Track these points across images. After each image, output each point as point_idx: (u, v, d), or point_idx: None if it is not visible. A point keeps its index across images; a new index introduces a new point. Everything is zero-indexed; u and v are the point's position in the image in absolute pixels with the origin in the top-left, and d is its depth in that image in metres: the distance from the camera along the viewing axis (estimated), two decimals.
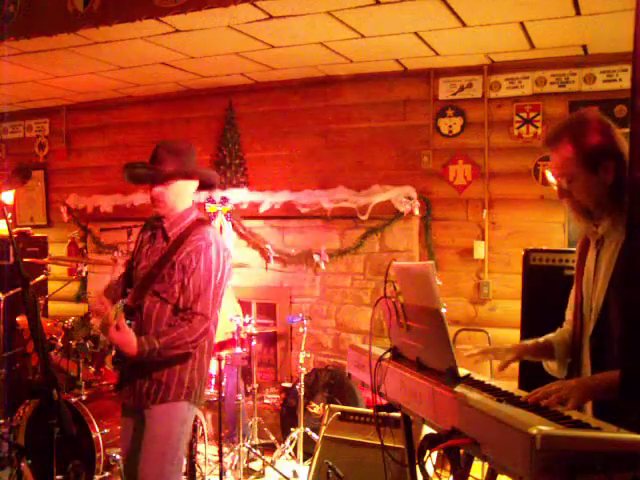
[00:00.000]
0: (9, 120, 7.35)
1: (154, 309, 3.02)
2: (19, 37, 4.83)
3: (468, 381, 2.06)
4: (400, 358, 2.29)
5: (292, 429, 4.90)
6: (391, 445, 2.66)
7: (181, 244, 3.04)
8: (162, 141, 3.19)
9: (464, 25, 4.35)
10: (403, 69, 5.42)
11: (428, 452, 1.95)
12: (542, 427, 1.48)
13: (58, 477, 4.22)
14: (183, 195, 3.13)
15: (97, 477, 4.33)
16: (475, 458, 1.86)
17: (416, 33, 4.55)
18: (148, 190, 3.11)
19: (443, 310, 1.96)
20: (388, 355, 2.32)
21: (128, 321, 2.94)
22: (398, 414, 2.38)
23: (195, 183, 3.16)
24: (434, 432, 1.91)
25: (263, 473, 4.79)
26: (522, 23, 4.29)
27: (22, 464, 4.67)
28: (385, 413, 2.40)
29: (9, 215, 2.80)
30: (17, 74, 5.71)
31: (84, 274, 5.54)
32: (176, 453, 3.05)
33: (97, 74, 5.69)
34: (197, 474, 4.40)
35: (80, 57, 5.17)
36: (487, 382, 2.08)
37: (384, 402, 2.38)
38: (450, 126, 5.39)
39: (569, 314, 2.35)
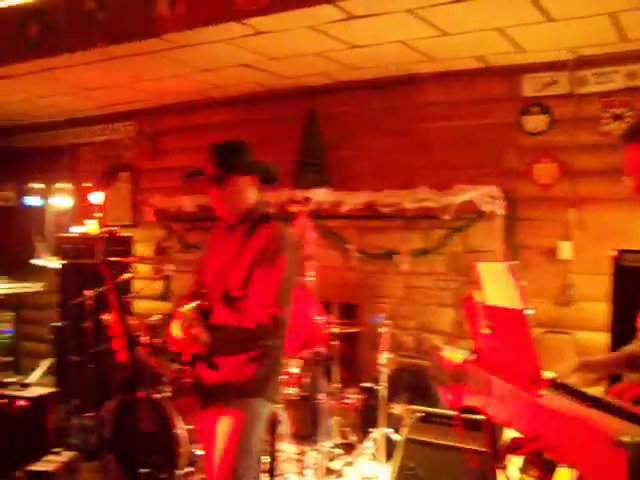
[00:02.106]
0: (97, 123, 7.58)
1: (224, 308, 2.99)
2: (108, 43, 4.97)
3: (553, 385, 2.01)
4: (483, 360, 2.25)
5: (372, 429, 4.88)
6: (473, 448, 2.62)
7: (253, 240, 3.02)
8: (214, 144, 3.14)
9: (550, 20, 4.24)
10: (486, 66, 5.33)
11: (511, 457, 1.91)
12: (635, 434, 1.42)
13: (142, 470, 4.33)
14: (245, 193, 3.10)
15: (180, 472, 4.42)
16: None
17: (499, 29, 4.46)
18: (209, 194, 3.10)
19: (527, 312, 1.91)
20: (471, 357, 2.28)
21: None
22: (481, 417, 2.34)
23: (255, 179, 3.14)
24: (518, 436, 1.87)
25: (343, 473, 4.78)
26: (613, 14, 4.14)
27: (109, 457, 4.82)
28: (467, 416, 2.36)
29: (99, 215, 2.89)
30: (105, 79, 5.88)
31: (168, 273, 5.65)
32: (251, 449, 3.04)
33: (181, 77, 5.80)
34: (278, 472, 4.43)
35: (165, 61, 5.29)
36: (573, 386, 2.02)
37: (466, 405, 2.34)
38: (535, 124, 5.27)
39: None
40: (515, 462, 1.93)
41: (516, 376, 1.96)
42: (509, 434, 1.95)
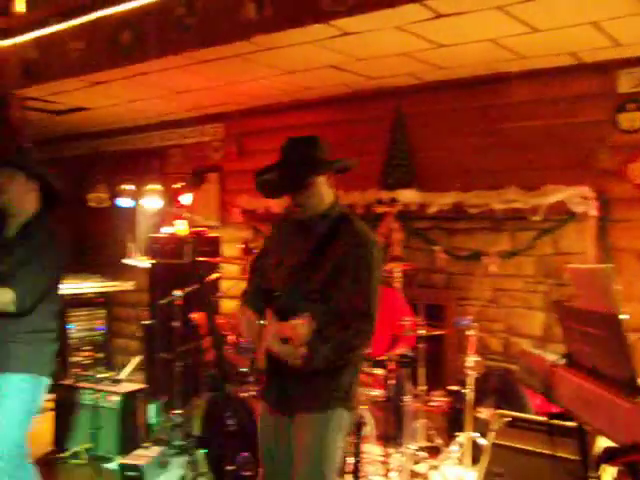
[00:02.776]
0: (187, 125, 7.75)
1: (305, 311, 2.78)
2: (197, 48, 5.08)
3: None
4: (575, 365, 2.19)
5: (458, 433, 4.81)
6: (564, 456, 2.55)
7: (332, 241, 2.88)
8: (288, 139, 3.02)
9: None
10: (578, 63, 5.18)
11: (605, 466, 1.84)
12: None
13: (229, 467, 4.39)
14: (323, 192, 2.97)
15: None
16: None
17: (594, 23, 4.31)
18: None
19: (622, 316, 1.85)
20: (562, 361, 2.22)
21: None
22: (572, 424, 2.27)
23: (333, 176, 3.00)
24: (613, 445, 1.80)
25: (428, 476, 4.74)
26: None
27: (196, 453, 4.92)
28: (558, 422, 2.29)
29: (188, 216, 2.93)
30: (194, 82, 6.00)
31: None
32: (333, 463, 2.93)
33: (268, 79, 5.86)
34: (361, 474, 4.42)
35: (252, 63, 5.35)
36: None
37: (557, 410, 2.28)
38: (631, 121, 5.09)
39: None
40: (609, 472, 1.86)
41: (610, 382, 1.89)
42: (602, 442, 1.89)
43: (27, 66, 6.29)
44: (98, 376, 5.75)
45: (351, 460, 4.41)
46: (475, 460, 4.52)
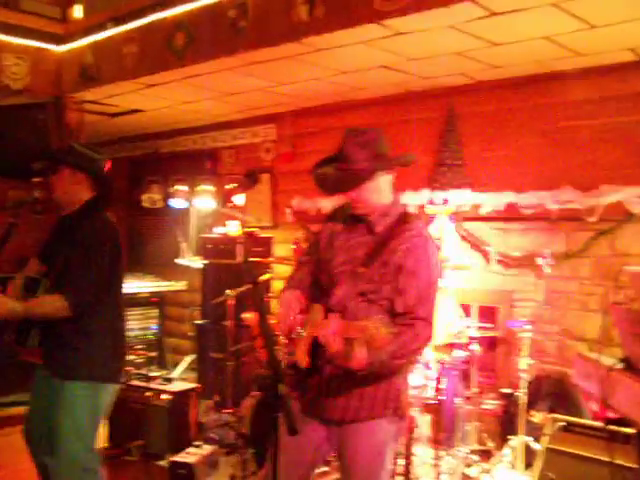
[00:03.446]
0: (239, 127, 7.80)
1: (359, 311, 2.75)
2: (249, 49, 5.11)
3: None
4: (632, 369, 2.13)
5: (511, 437, 4.75)
6: (622, 463, 2.48)
7: (392, 240, 2.80)
8: (347, 131, 2.91)
9: None
10: (638, 59, 5.05)
11: None
12: None
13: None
14: (384, 189, 2.90)
15: (316, 471, 4.47)
16: None
17: None
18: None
19: None
20: (620, 366, 2.17)
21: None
22: (631, 430, 2.21)
23: (393, 173, 2.92)
24: None
25: None
26: None
27: (247, 453, 4.95)
28: (616, 428, 2.24)
29: (241, 216, 2.93)
30: (246, 84, 6.04)
31: None
32: (385, 473, 2.87)
33: (320, 80, 5.87)
34: (412, 476, 4.40)
35: (304, 64, 5.36)
36: None
37: (614, 416, 2.22)
38: None
39: None
40: None
41: None
42: None
43: (83, 70, 6.42)
44: (151, 375, 5.83)
45: (402, 462, 4.40)
46: (528, 465, 4.45)
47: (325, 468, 4.48)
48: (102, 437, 5.56)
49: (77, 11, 6.79)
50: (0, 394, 6.48)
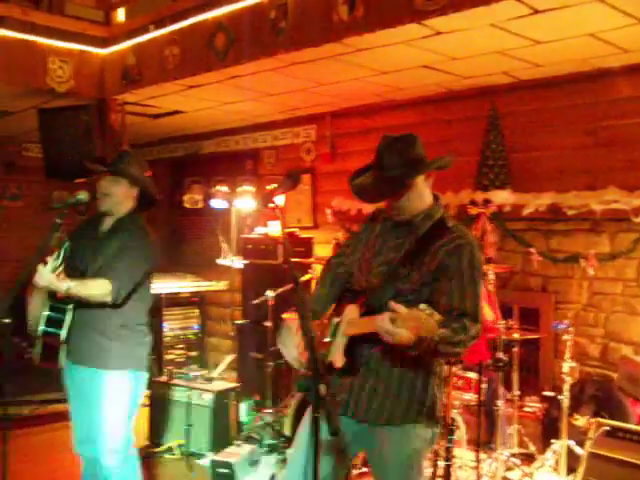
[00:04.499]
0: (280, 127, 7.83)
1: None
2: (289, 50, 5.11)
3: None
4: None
5: (554, 440, 4.68)
6: None
7: (433, 242, 2.77)
8: (383, 138, 2.91)
9: None
10: None
11: None
12: None
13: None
14: (422, 192, 2.87)
15: (355, 472, 4.46)
16: None
17: None
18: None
19: None
20: None
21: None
22: None
23: (432, 175, 2.89)
24: None
25: None
26: None
27: (287, 452, 4.96)
28: None
29: (281, 217, 2.94)
30: (287, 84, 6.05)
31: None
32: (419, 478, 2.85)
33: (360, 80, 5.85)
34: (452, 478, 4.36)
35: (344, 65, 5.35)
36: None
37: None
38: None
39: None
40: None
41: None
42: None
43: (126, 72, 6.49)
44: (192, 374, 5.88)
45: (442, 464, 4.36)
46: (571, 469, 4.39)
47: (364, 469, 4.47)
48: (144, 435, 5.64)
49: (120, 14, 6.90)
50: (36, 392, 6.62)
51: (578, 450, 4.41)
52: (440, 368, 2.90)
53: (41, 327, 3.59)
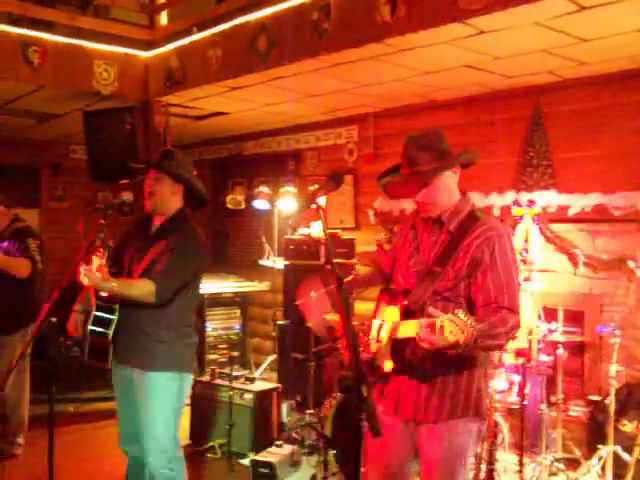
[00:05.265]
0: (322, 128, 7.83)
1: (436, 309, 2.63)
2: (331, 51, 5.11)
3: None
4: None
5: (600, 446, 4.59)
6: None
7: (465, 237, 2.79)
8: (408, 138, 2.90)
9: None
10: None
11: None
12: None
13: (363, 470, 4.38)
14: (451, 187, 2.89)
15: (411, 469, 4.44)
16: None
17: None
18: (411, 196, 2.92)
19: None
20: None
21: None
22: None
23: (458, 171, 2.91)
24: None
25: None
26: None
27: (328, 453, 4.95)
28: None
29: (324, 218, 2.94)
30: (329, 85, 6.05)
31: None
32: (465, 473, 2.86)
33: (402, 80, 5.82)
34: None
35: (387, 65, 5.33)
36: None
37: None
38: None
39: None
40: None
41: None
42: None
43: (169, 74, 6.56)
44: (233, 374, 5.90)
45: (485, 468, 4.32)
46: (617, 476, 4.31)
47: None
48: (185, 435, 5.68)
49: (163, 18, 6.98)
50: (83, 390, 6.71)
51: (625, 456, 4.33)
52: (485, 360, 2.91)
53: (89, 327, 3.64)
